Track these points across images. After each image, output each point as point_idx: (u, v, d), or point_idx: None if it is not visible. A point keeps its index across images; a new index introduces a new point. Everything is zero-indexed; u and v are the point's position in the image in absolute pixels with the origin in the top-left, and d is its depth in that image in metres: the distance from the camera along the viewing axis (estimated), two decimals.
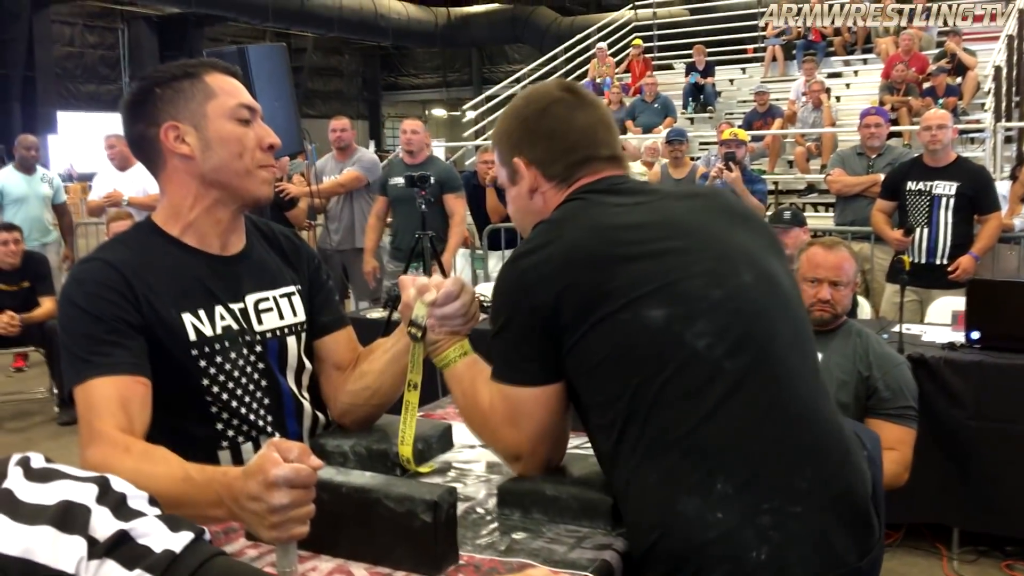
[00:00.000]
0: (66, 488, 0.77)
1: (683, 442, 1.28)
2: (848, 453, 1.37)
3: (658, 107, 11.10)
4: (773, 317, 1.38)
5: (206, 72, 1.56)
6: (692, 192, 1.56)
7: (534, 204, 1.53)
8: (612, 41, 14.47)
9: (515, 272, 1.40)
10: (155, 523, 0.79)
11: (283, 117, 4.83)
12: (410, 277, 1.59)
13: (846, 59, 12.45)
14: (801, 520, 1.26)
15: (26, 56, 22.87)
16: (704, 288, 1.34)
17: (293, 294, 1.68)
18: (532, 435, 1.42)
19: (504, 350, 1.41)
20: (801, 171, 9.64)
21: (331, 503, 1.26)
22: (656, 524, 1.28)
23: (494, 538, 1.37)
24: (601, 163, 1.50)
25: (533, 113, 1.53)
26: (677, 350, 1.30)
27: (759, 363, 1.33)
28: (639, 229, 1.38)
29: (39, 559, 0.72)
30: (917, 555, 3.50)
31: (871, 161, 5.65)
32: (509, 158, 1.54)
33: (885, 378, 2.70)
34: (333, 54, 31.09)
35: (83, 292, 1.48)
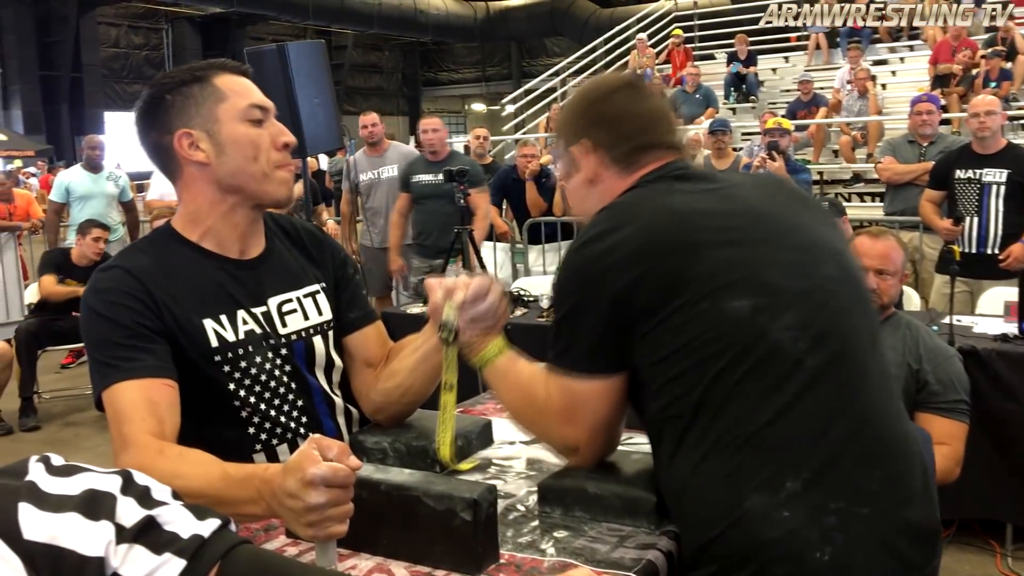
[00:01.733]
0: (90, 479, 0.78)
1: (756, 437, 1.24)
2: (916, 457, 1.33)
3: (699, 97, 10.99)
4: (854, 313, 1.35)
5: (215, 74, 1.53)
6: (760, 179, 1.53)
7: (595, 190, 1.48)
8: (652, 32, 14.35)
9: (585, 257, 1.35)
10: (181, 510, 0.79)
11: (323, 114, 4.85)
12: (437, 280, 1.56)
13: (891, 46, 12.23)
14: (867, 522, 1.22)
15: (73, 58, 23.34)
16: (789, 279, 1.30)
17: (317, 292, 1.67)
18: (591, 428, 1.39)
19: (568, 339, 1.37)
20: (847, 160, 9.48)
21: (371, 501, 1.25)
22: (718, 520, 1.24)
23: (535, 536, 1.35)
24: (664, 150, 1.47)
25: (597, 98, 1.51)
26: (761, 343, 1.26)
27: (838, 360, 1.29)
28: (716, 216, 1.34)
29: (66, 545, 0.72)
30: (969, 551, 3.42)
31: (923, 149, 5.54)
32: (573, 143, 1.50)
33: (936, 371, 2.64)
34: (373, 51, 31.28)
35: (103, 300, 1.47)
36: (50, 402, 6.11)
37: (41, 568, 0.71)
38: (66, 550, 0.72)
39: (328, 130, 4.81)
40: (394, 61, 32.57)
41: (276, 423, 1.57)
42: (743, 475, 1.24)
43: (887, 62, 11.93)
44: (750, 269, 1.29)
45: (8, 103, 23.45)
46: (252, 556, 0.81)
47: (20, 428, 5.51)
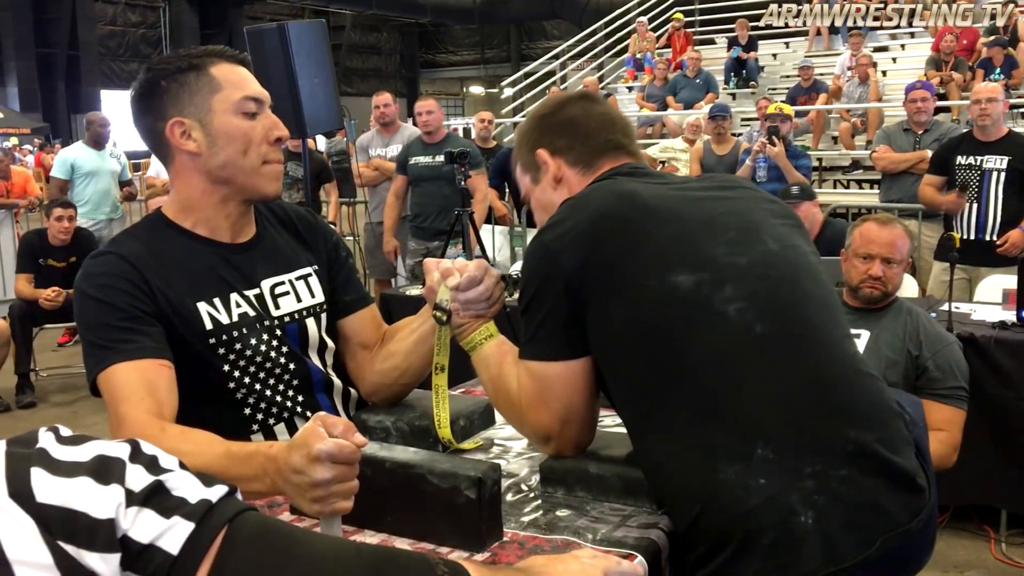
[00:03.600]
0: (99, 446, 0.79)
1: (718, 409, 1.26)
2: (891, 414, 1.34)
3: (700, 82, 10.97)
4: (802, 282, 1.37)
5: (212, 63, 1.52)
6: (713, 177, 1.65)
7: (558, 195, 1.52)
8: (653, 16, 14.29)
9: (540, 245, 1.39)
10: (189, 477, 0.80)
11: (323, 94, 4.83)
12: (434, 260, 1.57)
13: (892, 32, 12.19)
14: (846, 482, 1.23)
15: (69, 35, 23.21)
16: (730, 255, 1.34)
17: (310, 275, 1.67)
18: (561, 414, 1.40)
19: (532, 326, 1.40)
20: (846, 147, 9.47)
21: (375, 479, 1.26)
22: (697, 496, 1.25)
23: (538, 515, 1.36)
24: (621, 151, 1.53)
25: (550, 109, 1.59)
26: (707, 316, 1.29)
27: (792, 326, 1.32)
28: (662, 199, 1.39)
29: (78, 507, 0.73)
30: (964, 537, 3.45)
31: (918, 137, 5.53)
32: (531, 154, 1.55)
33: (935, 358, 2.65)
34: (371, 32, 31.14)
35: (96, 284, 1.47)
36: (47, 380, 6.12)
37: (55, 530, 0.72)
38: (78, 512, 0.73)
39: (328, 110, 4.78)
40: (392, 42, 32.42)
41: (272, 403, 1.57)
42: (712, 448, 1.25)
43: (888, 49, 11.90)
44: (692, 247, 1.33)
45: (4, 80, 23.32)
46: (258, 521, 0.82)
47: (16, 405, 5.52)
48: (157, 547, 0.75)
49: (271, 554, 0.79)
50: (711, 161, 6.79)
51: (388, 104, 6.22)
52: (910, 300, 3.70)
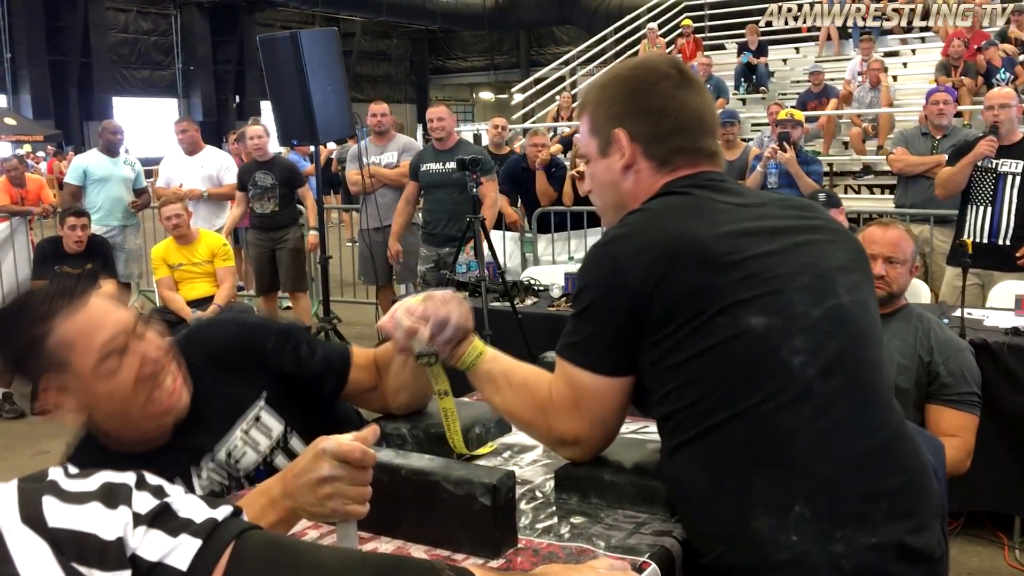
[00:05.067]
0: (106, 476, 0.82)
1: (765, 458, 1.24)
2: (927, 485, 1.33)
3: (710, 88, 10.96)
4: (865, 342, 1.34)
5: (49, 333, 1.34)
6: (792, 202, 1.50)
7: (625, 181, 1.43)
8: (662, 22, 14.30)
9: (610, 255, 1.32)
10: (194, 499, 0.83)
11: (335, 101, 4.87)
12: (388, 321, 1.47)
13: (903, 37, 12.17)
14: (874, 552, 1.23)
15: (82, 43, 23.36)
16: (804, 304, 1.29)
17: (262, 410, 1.59)
18: (593, 423, 1.38)
19: (583, 332, 1.35)
20: (857, 152, 9.46)
21: (391, 485, 1.27)
22: (724, 537, 1.25)
23: (552, 522, 1.36)
24: (703, 156, 1.43)
25: (643, 85, 1.43)
26: (771, 363, 1.25)
27: (850, 387, 1.29)
28: (742, 233, 1.32)
29: (89, 530, 0.76)
30: (977, 543, 3.43)
31: (936, 142, 5.52)
32: (608, 128, 1.43)
33: (947, 363, 2.64)
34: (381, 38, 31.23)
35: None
36: None
37: (67, 552, 0.74)
38: (89, 534, 0.75)
39: (340, 117, 4.82)
40: (402, 49, 32.51)
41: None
42: (751, 495, 1.24)
43: (899, 53, 11.88)
44: (768, 288, 1.28)
45: (17, 88, 23.49)
46: (264, 536, 0.84)
47: (32, 411, 5.55)
48: (166, 564, 0.77)
49: (278, 566, 0.81)
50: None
51: (385, 113, 6.30)
52: (922, 306, 3.70)
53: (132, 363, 1.39)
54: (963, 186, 4.67)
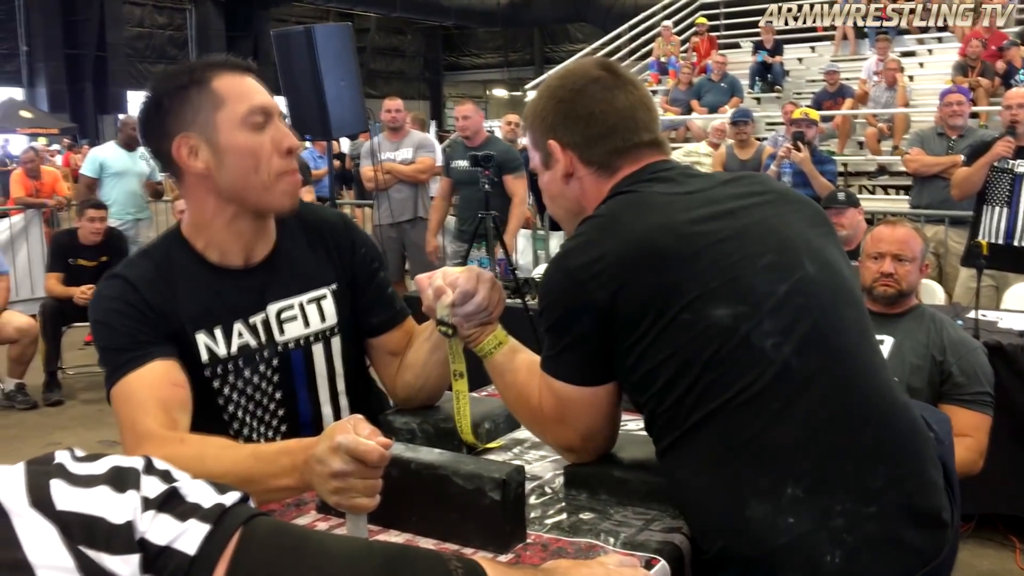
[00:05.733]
0: (114, 460, 0.82)
1: (750, 446, 1.23)
2: (923, 444, 1.32)
3: (724, 86, 10.94)
4: (839, 309, 1.32)
5: (214, 76, 1.46)
6: (738, 176, 1.48)
7: (570, 190, 1.44)
8: (677, 20, 14.25)
9: (565, 270, 1.33)
10: (202, 484, 0.83)
11: (348, 96, 4.87)
12: (425, 277, 1.51)
13: (919, 37, 12.10)
14: (875, 521, 1.22)
15: (98, 37, 23.44)
16: (768, 284, 1.28)
17: (324, 297, 1.62)
18: (583, 431, 1.40)
19: (556, 347, 1.36)
20: (872, 152, 9.42)
21: (400, 479, 1.27)
22: (724, 529, 1.24)
23: (561, 518, 1.36)
24: (643, 149, 1.42)
25: (569, 93, 1.43)
26: (743, 352, 1.24)
27: (827, 360, 1.27)
28: (696, 222, 1.31)
29: (97, 513, 0.76)
30: (989, 547, 3.41)
31: (951, 142, 5.49)
32: (543, 141, 1.44)
33: (960, 363, 2.63)
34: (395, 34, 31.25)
35: (106, 309, 1.48)
36: (73, 378, 6.18)
37: (75, 535, 0.74)
38: (97, 518, 0.75)
39: (353, 113, 4.82)
40: (416, 45, 32.51)
41: (254, 431, 1.57)
42: (741, 484, 1.23)
43: (915, 54, 11.81)
44: (728, 275, 1.27)
45: (33, 81, 23.60)
46: (272, 523, 0.84)
47: (44, 403, 5.58)
48: (174, 549, 0.77)
49: (285, 553, 0.81)
50: (734, 166, 6.78)
51: (399, 109, 6.30)
52: (936, 307, 3.67)
53: (276, 134, 1.48)
54: (979, 187, 4.64)
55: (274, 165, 1.47)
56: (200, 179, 1.47)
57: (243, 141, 1.45)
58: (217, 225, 1.52)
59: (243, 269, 1.55)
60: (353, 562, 0.84)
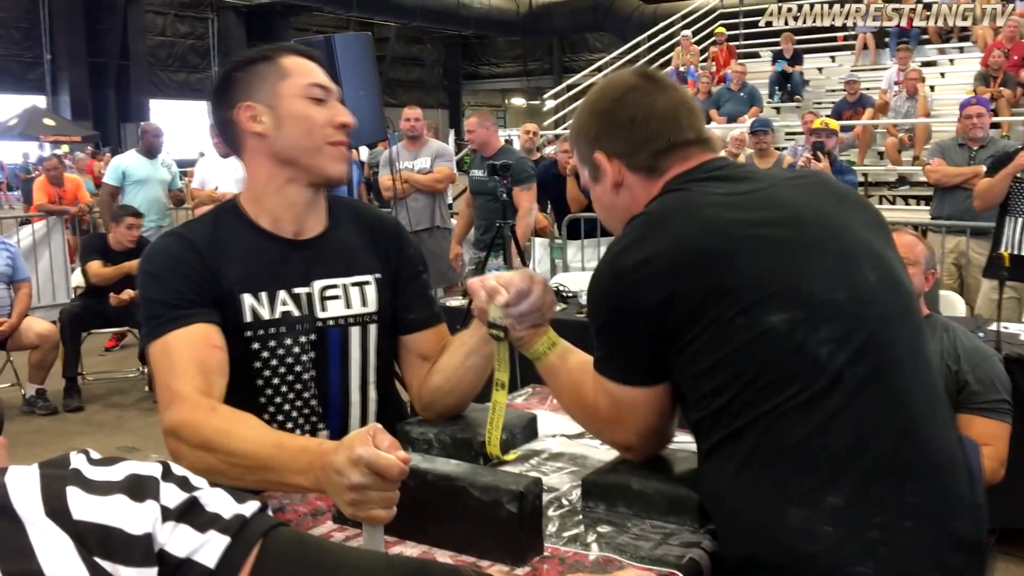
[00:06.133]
0: (131, 466, 0.80)
1: (795, 452, 1.22)
2: (962, 467, 1.29)
3: (744, 96, 10.91)
4: (896, 322, 1.30)
5: (283, 55, 1.59)
6: (799, 175, 1.46)
7: (621, 200, 1.44)
8: (696, 29, 14.24)
9: (615, 270, 1.31)
10: (221, 493, 0.82)
11: (368, 105, 4.87)
12: (479, 280, 1.53)
13: (941, 47, 12.03)
14: (911, 535, 1.20)
15: (120, 46, 23.65)
16: (827, 291, 1.26)
17: (368, 283, 1.66)
18: (639, 432, 1.39)
19: (608, 348, 1.36)
20: (893, 163, 9.35)
21: (417, 490, 1.26)
22: (759, 533, 1.23)
23: (579, 531, 1.35)
24: (690, 147, 1.40)
25: (609, 104, 1.44)
26: (799, 359, 1.23)
27: (880, 372, 1.25)
28: (752, 224, 1.28)
29: (114, 524, 0.75)
30: (1011, 562, 3.37)
31: (973, 153, 5.45)
32: (589, 155, 1.45)
33: (975, 371, 2.61)
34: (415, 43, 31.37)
35: (158, 261, 1.55)
36: (93, 384, 6.22)
37: (92, 546, 0.73)
38: (114, 528, 0.74)
39: (373, 122, 4.82)
40: (435, 54, 32.63)
41: (284, 403, 1.60)
42: (782, 489, 1.22)
43: (936, 63, 11.74)
44: (787, 280, 1.25)
45: (56, 89, 23.83)
46: (292, 535, 0.83)
47: (64, 408, 5.62)
48: (194, 561, 0.76)
49: (306, 566, 0.81)
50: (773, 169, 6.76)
51: (418, 118, 6.33)
52: (956, 319, 3.64)
53: (333, 110, 1.59)
54: (1002, 198, 4.60)
55: (327, 133, 1.57)
56: (258, 141, 1.56)
57: (301, 109, 1.56)
58: (270, 190, 1.59)
59: (293, 240, 1.61)
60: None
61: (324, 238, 1.64)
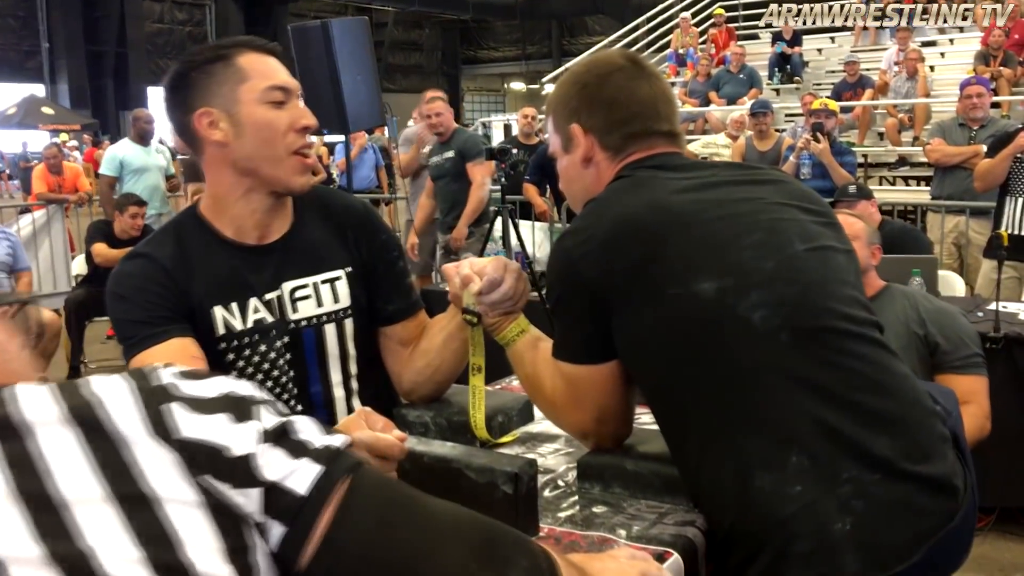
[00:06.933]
0: (224, 383, 0.79)
1: (749, 418, 1.24)
2: (926, 415, 1.31)
3: (743, 77, 10.87)
4: (831, 285, 1.33)
5: (239, 53, 1.51)
6: (747, 167, 1.52)
7: (587, 174, 1.47)
8: (696, 11, 14.17)
9: (562, 250, 1.37)
10: (309, 421, 0.81)
11: (365, 91, 4.87)
12: (454, 267, 1.54)
13: (941, 27, 11.97)
14: (883, 487, 1.21)
15: (118, 34, 23.61)
16: (755, 260, 1.29)
17: (338, 279, 1.63)
18: (595, 413, 1.40)
19: (561, 328, 1.39)
20: (893, 143, 9.33)
21: (413, 472, 1.27)
22: (732, 504, 1.24)
23: (574, 511, 1.36)
24: (658, 138, 1.45)
25: (593, 79, 1.47)
26: (731, 324, 1.25)
27: (820, 333, 1.27)
28: (685, 201, 1.33)
29: (220, 443, 0.74)
30: (1010, 540, 3.38)
31: (973, 132, 5.44)
32: (565, 125, 1.48)
33: (943, 331, 2.63)
34: (413, 28, 31.28)
35: (127, 284, 1.52)
36: (96, 371, 6.24)
37: (202, 463, 0.73)
38: (220, 447, 0.74)
39: (370, 107, 4.83)
40: (434, 39, 32.53)
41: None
42: (745, 457, 1.24)
43: (936, 44, 11.69)
44: (716, 251, 1.29)
45: (55, 78, 23.82)
46: (378, 475, 0.83)
47: None
48: (284, 487, 0.75)
49: (393, 507, 0.80)
50: (753, 157, 6.74)
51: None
52: (954, 300, 3.65)
53: (294, 112, 1.53)
54: (1003, 179, 4.60)
55: (289, 141, 1.51)
56: (218, 150, 1.51)
57: (261, 115, 1.50)
58: (232, 199, 1.55)
59: (258, 247, 1.58)
60: (460, 529, 0.83)
61: (290, 238, 1.61)
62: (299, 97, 1.56)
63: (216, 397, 0.77)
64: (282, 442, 0.77)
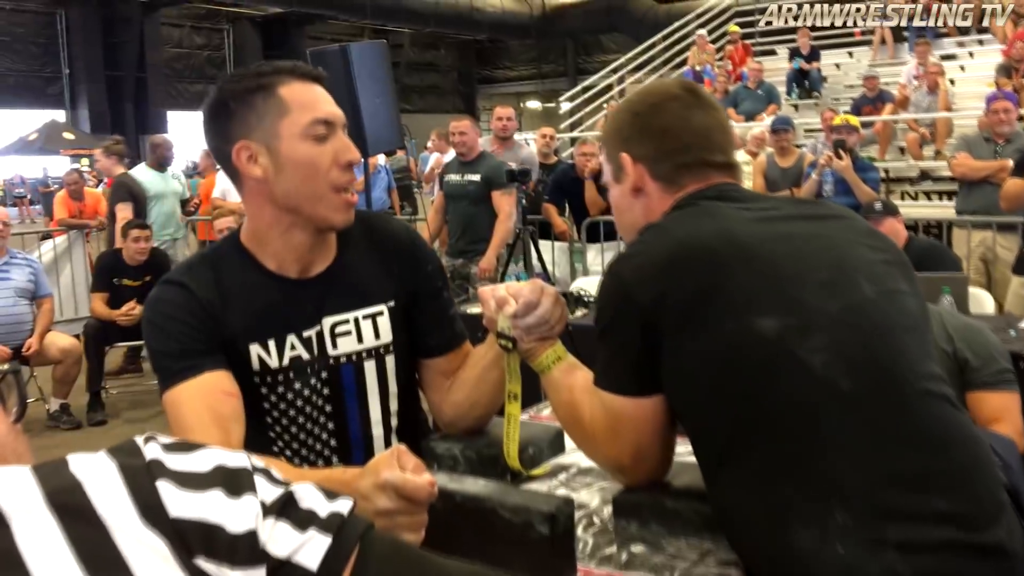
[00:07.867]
0: (214, 455, 0.75)
1: (797, 468, 1.17)
2: (985, 475, 1.23)
3: (761, 94, 10.83)
4: (897, 334, 1.25)
5: (282, 82, 1.45)
6: (809, 202, 1.47)
7: (637, 204, 1.44)
8: (712, 28, 14.16)
9: (616, 275, 1.33)
10: (312, 489, 0.77)
11: (384, 113, 4.87)
12: (489, 290, 1.51)
13: (960, 40, 11.90)
14: (933, 552, 1.14)
15: (138, 58, 23.86)
16: (821, 299, 1.22)
17: (380, 314, 1.58)
18: (634, 447, 1.34)
19: (606, 357, 1.34)
20: (914, 158, 9.26)
21: (445, 511, 1.23)
22: (768, 557, 1.18)
23: (611, 551, 1.32)
24: (713, 169, 1.40)
25: (647, 108, 1.44)
26: (790, 366, 1.18)
27: (882, 384, 1.20)
28: (750, 235, 1.27)
29: (216, 521, 0.69)
30: None
31: (999, 147, 5.38)
32: (616, 154, 1.45)
33: (972, 347, 2.57)
34: (429, 49, 31.46)
35: (162, 312, 1.48)
36: (117, 397, 6.24)
37: (193, 545, 0.68)
38: (216, 526, 0.69)
39: (390, 130, 4.83)
40: (450, 59, 32.70)
41: (303, 445, 1.55)
42: (787, 509, 1.17)
43: (955, 57, 11.62)
44: (779, 286, 1.23)
45: (75, 103, 24.07)
46: (389, 539, 0.80)
47: (88, 423, 5.63)
48: (295, 563, 0.71)
49: (406, 571, 0.77)
50: (775, 174, 6.69)
51: (510, 118, 6.17)
52: (983, 317, 3.58)
53: (338, 146, 1.47)
54: None
55: (332, 177, 1.46)
56: (258, 185, 1.47)
57: (303, 152, 1.44)
58: (274, 235, 1.51)
59: (300, 280, 1.54)
60: None
61: (332, 271, 1.56)
62: (344, 128, 1.50)
63: (207, 472, 0.72)
64: (286, 514, 0.73)
